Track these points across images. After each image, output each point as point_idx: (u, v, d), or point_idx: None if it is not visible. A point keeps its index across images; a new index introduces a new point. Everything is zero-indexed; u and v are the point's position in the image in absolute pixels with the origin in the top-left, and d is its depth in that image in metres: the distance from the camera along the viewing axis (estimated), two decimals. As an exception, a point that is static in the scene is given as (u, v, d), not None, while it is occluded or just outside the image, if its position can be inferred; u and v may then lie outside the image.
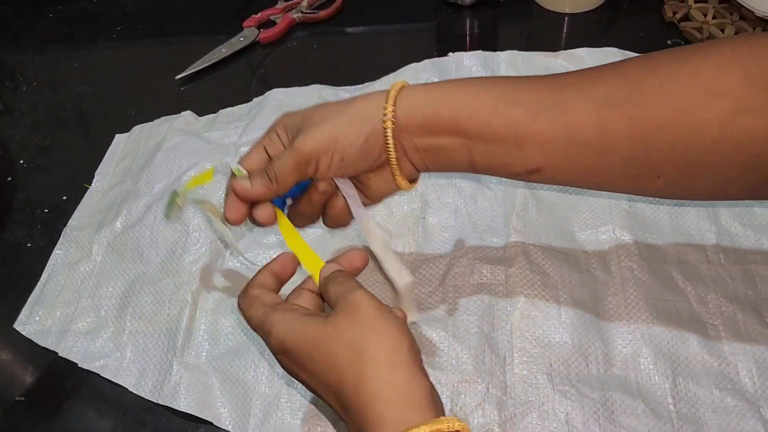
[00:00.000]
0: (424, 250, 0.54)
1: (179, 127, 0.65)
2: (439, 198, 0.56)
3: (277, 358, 0.38)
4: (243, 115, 0.66)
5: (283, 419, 0.46)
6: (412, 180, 0.43)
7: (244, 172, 0.41)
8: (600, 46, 0.64)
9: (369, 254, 0.43)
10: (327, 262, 0.42)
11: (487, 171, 0.41)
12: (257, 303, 0.40)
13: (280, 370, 0.46)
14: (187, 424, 0.47)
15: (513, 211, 0.54)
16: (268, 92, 0.66)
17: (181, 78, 0.71)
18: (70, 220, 0.59)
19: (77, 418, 0.47)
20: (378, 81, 0.65)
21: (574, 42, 0.65)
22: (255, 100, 0.67)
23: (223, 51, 0.73)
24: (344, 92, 0.66)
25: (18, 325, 0.53)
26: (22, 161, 0.65)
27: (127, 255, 0.56)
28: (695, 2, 0.69)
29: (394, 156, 0.40)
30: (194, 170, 0.60)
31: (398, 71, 0.65)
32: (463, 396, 0.46)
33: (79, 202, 0.61)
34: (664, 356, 0.46)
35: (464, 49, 0.68)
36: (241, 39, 0.74)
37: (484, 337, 0.48)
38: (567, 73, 0.39)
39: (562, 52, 0.64)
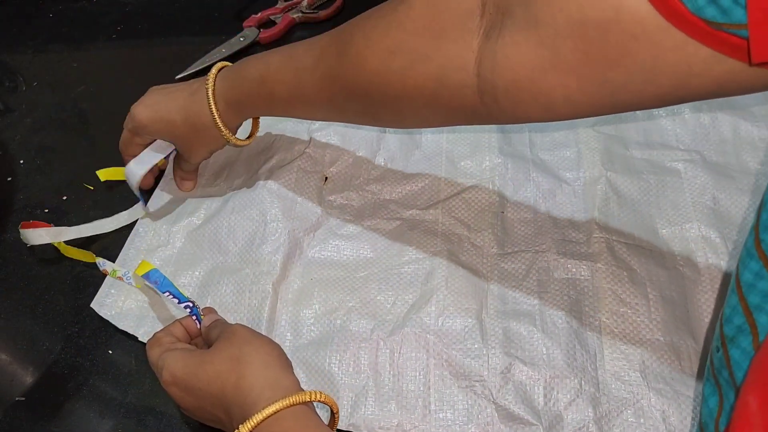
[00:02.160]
0: (504, 245, 0.53)
1: None
2: (517, 192, 0.55)
3: (170, 392, 0.42)
4: None
5: (372, 410, 0.45)
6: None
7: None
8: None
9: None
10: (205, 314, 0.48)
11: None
12: (157, 344, 0.44)
13: (366, 361, 0.47)
14: (188, 425, 0.47)
15: (595, 206, 0.53)
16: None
17: (181, 78, 0.71)
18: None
19: (78, 418, 0.47)
20: None
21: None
22: None
23: (223, 51, 0.73)
24: None
25: (95, 305, 0.52)
26: (22, 161, 0.65)
27: (205, 245, 0.55)
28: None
29: (235, 140, 0.54)
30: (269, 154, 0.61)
31: None
32: (555, 392, 0.45)
33: (79, 202, 0.61)
34: None
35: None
36: (241, 39, 0.73)
37: (574, 332, 0.47)
38: (304, 44, 0.49)
39: None
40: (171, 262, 0.55)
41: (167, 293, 0.48)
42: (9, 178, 0.63)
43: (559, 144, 0.58)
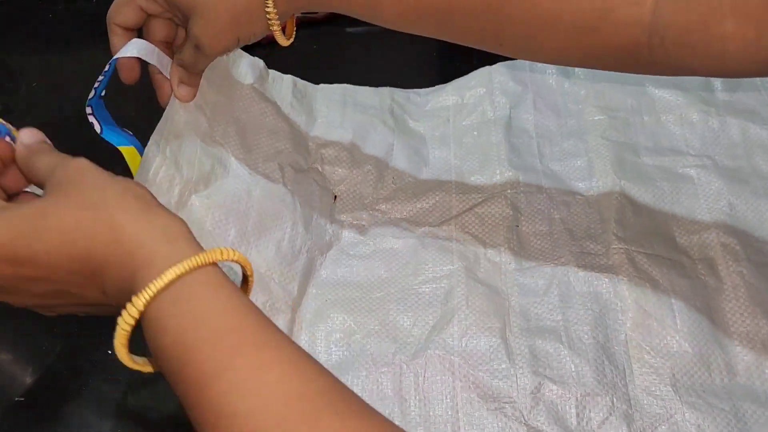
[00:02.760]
0: (522, 260, 0.51)
1: (255, 81, 0.57)
2: (530, 204, 0.54)
3: None
4: (316, 100, 0.62)
5: None
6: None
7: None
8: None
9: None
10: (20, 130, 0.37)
11: None
12: None
13: (390, 387, 0.45)
14: (188, 425, 0.47)
15: (611, 216, 0.52)
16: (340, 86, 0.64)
17: (180, 78, 0.71)
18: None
19: (78, 419, 0.47)
20: (449, 84, 0.64)
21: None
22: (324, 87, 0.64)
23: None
24: (413, 94, 0.63)
25: None
26: (22, 161, 0.65)
27: (231, 229, 0.48)
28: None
29: (280, 32, 0.43)
30: (284, 156, 0.54)
31: (471, 74, 0.63)
32: (587, 410, 0.44)
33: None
34: None
35: (464, 49, 0.67)
36: (241, 39, 0.73)
37: (601, 347, 0.46)
38: None
39: None
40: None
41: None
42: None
43: (569, 153, 0.57)
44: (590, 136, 0.58)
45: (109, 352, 0.50)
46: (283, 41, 0.44)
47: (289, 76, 0.61)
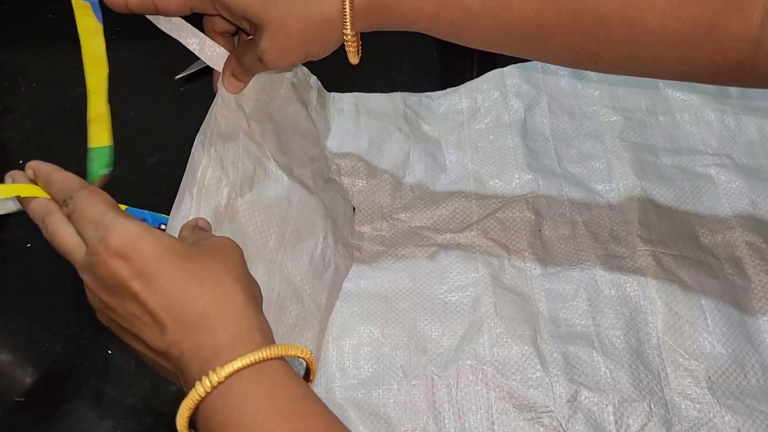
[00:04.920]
0: (547, 264, 0.51)
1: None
2: (551, 208, 0.54)
3: (102, 261, 0.32)
4: (330, 112, 0.61)
5: None
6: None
7: None
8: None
9: None
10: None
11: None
12: (99, 196, 0.36)
13: (423, 399, 0.44)
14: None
15: (634, 218, 0.52)
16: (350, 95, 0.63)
17: (180, 78, 0.71)
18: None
19: (77, 419, 0.47)
20: (461, 87, 0.63)
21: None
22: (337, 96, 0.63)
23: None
24: (425, 98, 0.63)
25: None
26: (22, 161, 0.65)
27: (272, 238, 0.47)
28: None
29: (355, 51, 0.41)
30: (314, 165, 0.53)
31: (483, 76, 0.63)
32: (626, 417, 0.43)
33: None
34: None
35: (465, 50, 0.67)
36: (241, 39, 0.73)
37: (634, 352, 0.46)
38: None
39: None
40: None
41: (163, 225, 0.42)
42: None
43: (587, 156, 0.57)
44: (607, 137, 0.58)
45: (109, 352, 0.50)
46: (355, 60, 0.43)
47: (314, 76, 0.59)
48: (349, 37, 0.40)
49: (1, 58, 0.75)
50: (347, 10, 0.38)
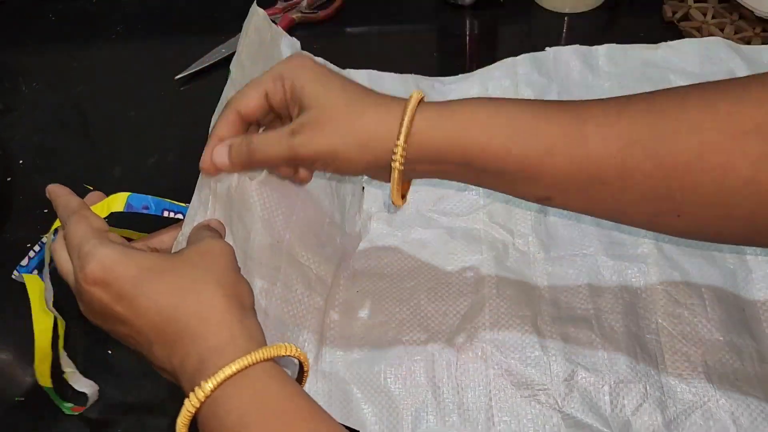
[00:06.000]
0: (550, 249, 0.52)
1: None
2: None
3: (84, 290, 0.34)
4: None
5: (433, 424, 0.44)
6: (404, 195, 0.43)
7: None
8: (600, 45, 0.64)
9: None
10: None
11: (494, 190, 0.41)
12: (84, 222, 0.37)
13: (423, 375, 0.46)
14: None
15: None
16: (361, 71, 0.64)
17: (180, 78, 0.71)
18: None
19: (77, 419, 0.47)
20: (473, 74, 0.64)
21: (574, 42, 0.65)
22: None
23: (222, 51, 0.72)
24: (438, 82, 0.63)
25: None
26: (21, 161, 0.65)
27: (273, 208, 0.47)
28: (695, 2, 0.69)
29: (397, 186, 0.39)
30: None
31: (495, 64, 0.63)
32: (621, 397, 0.44)
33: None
34: None
35: (464, 50, 0.68)
36: (242, 39, 0.74)
37: (633, 336, 0.47)
38: (593, 102, 0.37)
39: (663, 44, 0.64)
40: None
41: (166, 211, 0.44)
42: (9, 178, 0.63)
43: None
44: None
45: (109, 352, 0.50)
46: (400, 202, 0.42)
47: (320, 58, 0.59)
48: (398, 159, 0.37)
49: (1, 58, 0.76)
50: (400, 145, 0.37)
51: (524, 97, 0.60)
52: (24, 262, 0.51)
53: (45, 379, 0.45)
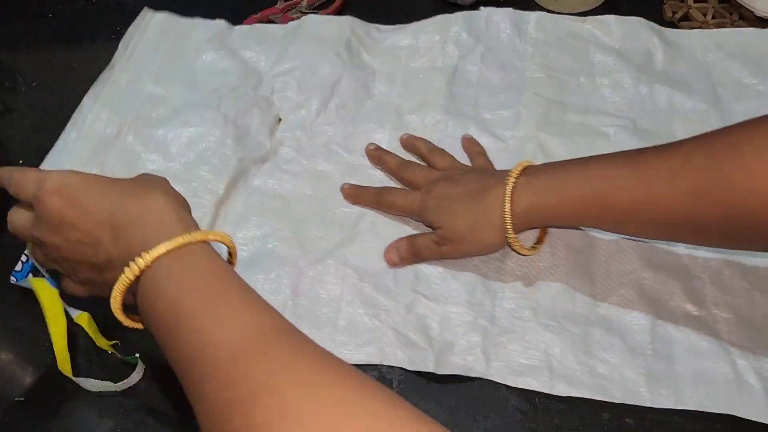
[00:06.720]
0: None
1: (212, 37, 0.68)
2: (453, 149, 0.58)
3: (45, 202, 0.39)
4: (277, 38, 0.68)
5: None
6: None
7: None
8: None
9: None
10: None
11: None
12: (33, 169, 0.42)
13: (288, 282, 0.51)
14: (189, 426, 0.47)
15: (522, 163, 0.55)
16: (304, 17, 0.69)
17: (180, 78, 0.71)
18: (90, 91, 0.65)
19: (77, 418, 0.47)
20: (409, 25, 0.68)
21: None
22: (290, 24, 0.69)
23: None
24: (375, 29, 0.68)
25: None
26: (22, 161, 0.65)
27: (151, 145, 0.59)
28: (695, 2, 0.69)
29: (517, 244, 0.49)
30: (227, 89, 0.63)
31: (429, 20, 0.67)
32: (450, 322, 0.49)
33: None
34: (648, 300, 0.48)
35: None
36: (241, 39, 0.73)
37: (480, 273, 0.51)
38: (653, 153, 0.43)
39: (590, 17, 0.66)
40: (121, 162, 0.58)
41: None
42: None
43: (502, 105, 0.61)
44: (526, 91, 0.61)
45: (109, 352, 0.50)
46: (526, 251, 0.51)
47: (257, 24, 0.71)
48: (511, 238, 0.48)
49: (1, 58, 0.75)
50: (508, 220, 0.47)
51: (449, 55, 0.65)
52: (18, 267, 0.53)
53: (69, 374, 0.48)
